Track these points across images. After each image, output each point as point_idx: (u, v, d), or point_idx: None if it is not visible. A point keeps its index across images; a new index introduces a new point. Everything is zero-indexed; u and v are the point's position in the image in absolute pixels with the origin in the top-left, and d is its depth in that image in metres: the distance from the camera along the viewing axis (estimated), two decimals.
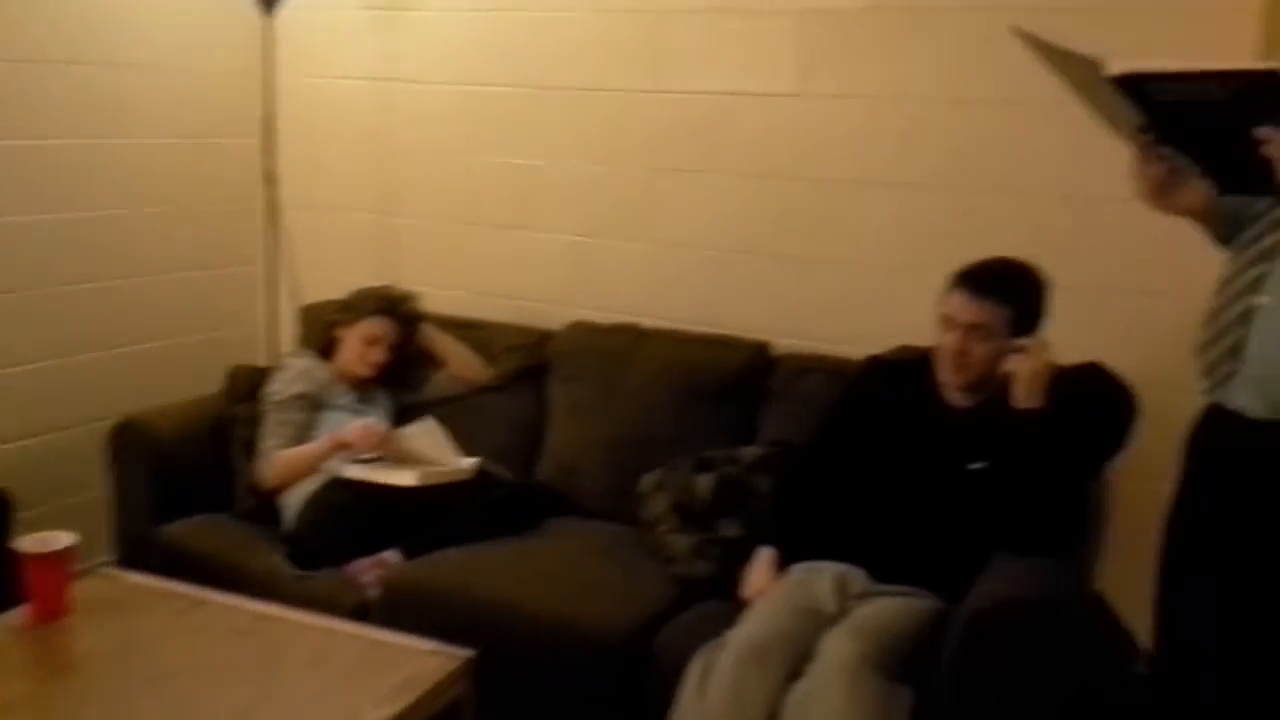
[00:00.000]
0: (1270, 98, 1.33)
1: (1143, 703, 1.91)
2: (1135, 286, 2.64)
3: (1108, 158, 2.63)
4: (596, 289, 3.28)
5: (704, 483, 2.61)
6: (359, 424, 2.84)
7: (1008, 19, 2.69)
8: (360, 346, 3.02)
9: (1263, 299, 1.49)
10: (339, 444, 2.81)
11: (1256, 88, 1.35)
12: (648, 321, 3.11)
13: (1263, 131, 1.33)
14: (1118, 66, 1.49)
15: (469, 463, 2.84)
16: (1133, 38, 2.56)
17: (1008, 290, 2.24)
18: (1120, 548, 2.42)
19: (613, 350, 3.02)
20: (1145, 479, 2.55)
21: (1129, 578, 2.46)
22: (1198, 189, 1.58)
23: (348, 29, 3.56)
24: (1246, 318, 1.51)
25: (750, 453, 2.66)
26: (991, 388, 2.25)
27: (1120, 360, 2.41)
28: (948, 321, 2.25)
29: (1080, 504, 2.23)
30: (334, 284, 3.28)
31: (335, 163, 3.66)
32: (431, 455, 2.83)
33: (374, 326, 3.02)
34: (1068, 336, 2.39)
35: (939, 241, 2.77)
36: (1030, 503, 2.14)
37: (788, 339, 2.96)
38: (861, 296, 2.94)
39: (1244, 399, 1.53)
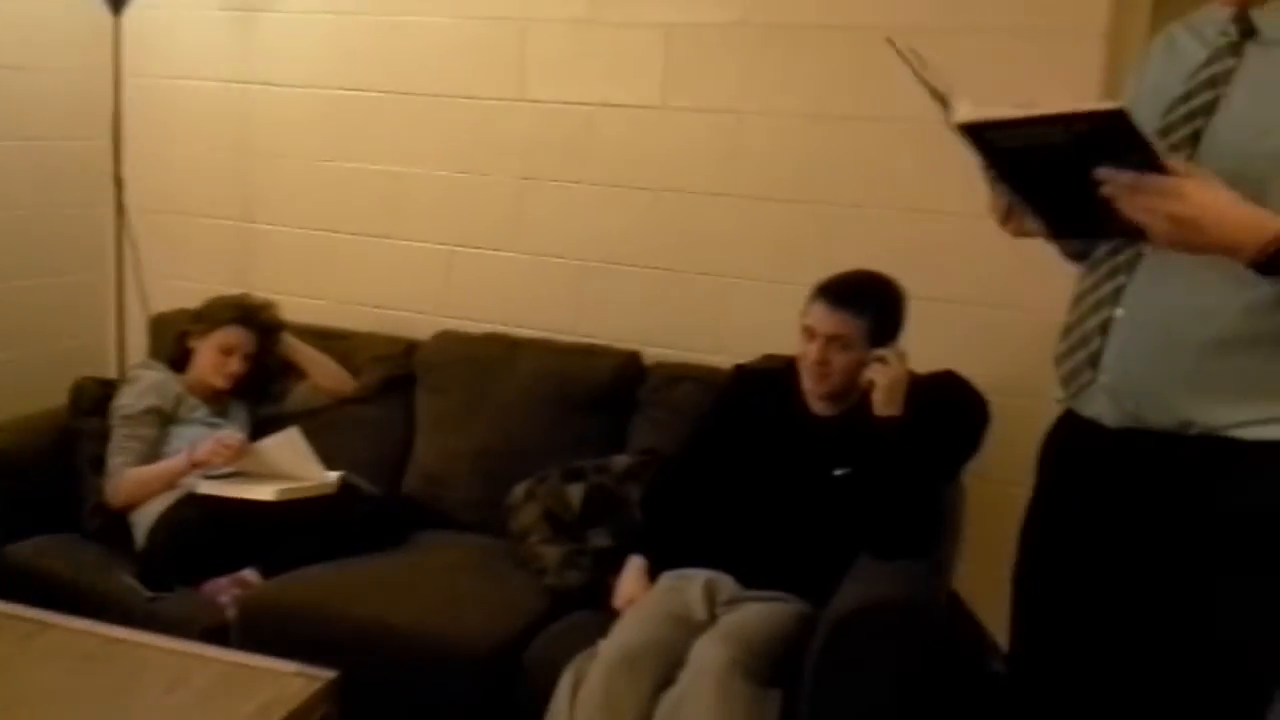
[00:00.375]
0: (1112, 138, 1.37)
1: (1000, 701, 1.98)
2: (987, 299, 2.75)
3: (962, 173, 2.72)
4: (465, 298, 3.25)
5: (574, 493, 2.61)
6: (213, 438, 2.74)
7: (866, 38, 2.79)
8: (215, 357, 2.92)
9: (1119, 311, 1.56)
10: (193, 461, 2.71)
11: (1099, 129, 1.38)
12: (517, 331, 3.10)
13: (1102, 172, 1.38)
14: (962, 112, 1.51)
15: (331, 476, 2.77)
16: (983, 58, 2.66)
17: (866, 302, 2.31)
18: (975, 549, 2.51)
19: (482, 360, 2.99)
20: (997, 482, 2.65)
21: (984, 578, 2.56)
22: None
23: (201, 29, 3.44)
24: (1105, 329, 1.57)
25: (620, 462, 2.66)
26: (853, 396, 2.31)
27: (972, 368, 2.50)
28: (809, 332, 2.31)
29: (938, 507, 2.30)
30: (188, 292, 3.17)
31: (189, 167, 3.54)
32: (292, 469, 2.75)
33: (229, 336, 2.93)
34: (923, 346, 2.47)
35: (801, 253, 2.83)
36: (891, 507, 2.20)
37: (658, 348, 2.98)
38: (728, 306, 2.98)
39: (1100, 408, 1.60)
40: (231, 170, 3.49)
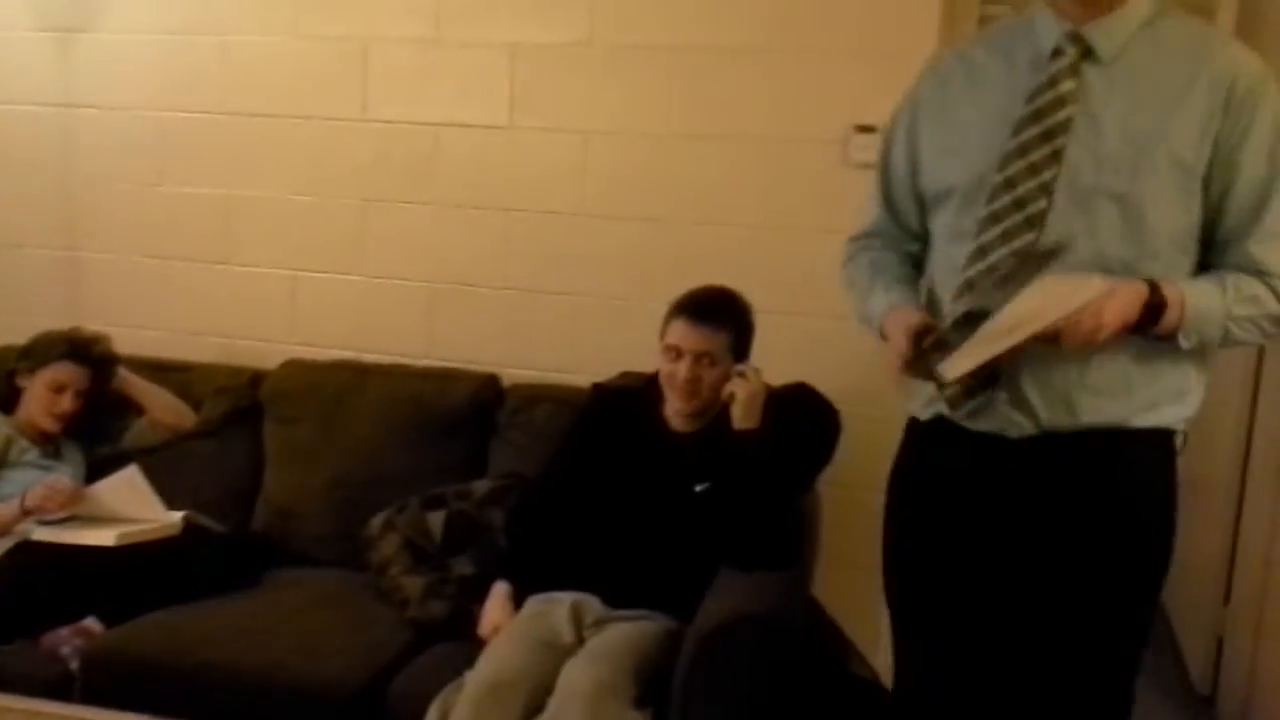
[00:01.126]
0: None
1: (864, 706, 2.04)
2: (835, 311, 2.79)
3: (808, 191, 2.83)
4: (311, 325, 3.16)
5: (435, 521, 2.56)
6: (44, 483, 2.59)
7: (710, 59, 2.86)
8: (46, 395, 2.77)
9: None
10: (25, 508, 2.55)
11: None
12: (368, 357, 3.03)
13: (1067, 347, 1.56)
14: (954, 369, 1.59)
15: (175, 516, 2.64)
16: (818, 78, 2.75)
17: (726, 316, 2.35)
18: (831, 555, 2.57)
19: (332, 388, 2.91)
20: (849, 488, 2.74)
21: (842, 583, 2.63)
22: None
23: (20, 52, 3.26)
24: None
25: (481, 487, 2.63)
26: (712, 412, 2.34)
27: (822, 380, 2.57)
28: (674, 351, 2.32)
29: (795, 517, 2.35)
30: (12, 328, 3.00)
31: (9, 195, 3.34)
32: (132, 510, 2.61)
33: (60, 373, 2.78)
34: (775, 358, 2.53)
35: (653, 271, 2.86)
36: (752, 519, 2.23)
37: (515, 370, 2.96)
38: (583, 325, 2.98)
39: (1001, 423, 1.65)
40: (55, 198, 3.31)
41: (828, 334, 2.81)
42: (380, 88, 3.06)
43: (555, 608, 2.24)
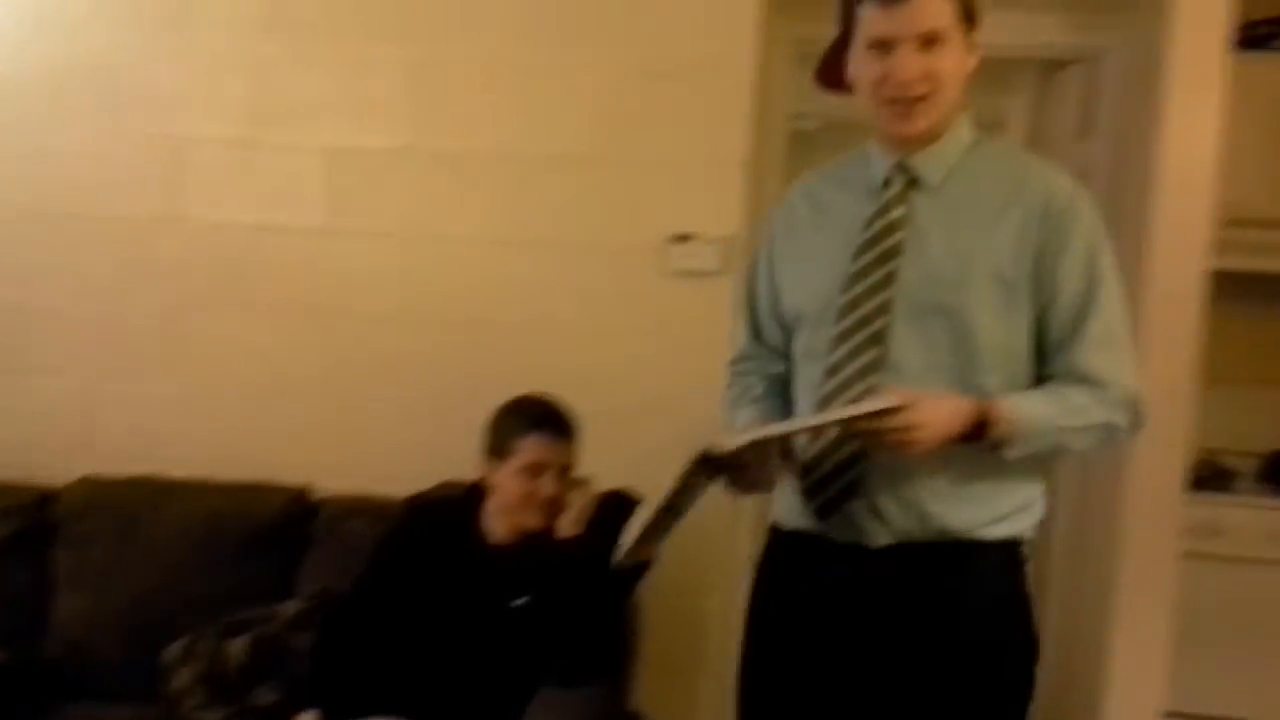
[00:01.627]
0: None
1: None
2: (655, 413, 2.84)
3: (627, 298, 2.88)
4: (108, 439, 2.97)
5: (236, 647, 2.42)
6: None
7: (532, 166, 2.89)
8: None
9: None
10: None
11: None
12: (171, 472, 2.86)
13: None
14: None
15: None
16: (635, 187, 2.81)
17: (575, 425, 2.35)
18: (654, 664, 2.56)
19: (129, 507, 2.73)
20: (671, 595, 2.74)
21: (664, 691, 2.62)
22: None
23: None
24: (854, 461, 1.69)
25: (289, 609, 2.50)
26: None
27: (639, 484, 2.57)
28: (535, 469, 2.27)
29: (617, 627, 2.33)
30: None
31: None
32: None
33: None
34: (596, 463, 2.53)
35: (476, 377, 2.82)
36: (577, 631, 2.20)
37: (330, 481, 2.85)
38: (403, 434, 2.91)
39: (857, 534, 1.71)
40: None
41: (646, 438, 2.82)
42: (191, 187, 2.97)
43: None
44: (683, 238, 2.80)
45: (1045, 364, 1.71)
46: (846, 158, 1.86)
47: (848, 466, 1.70)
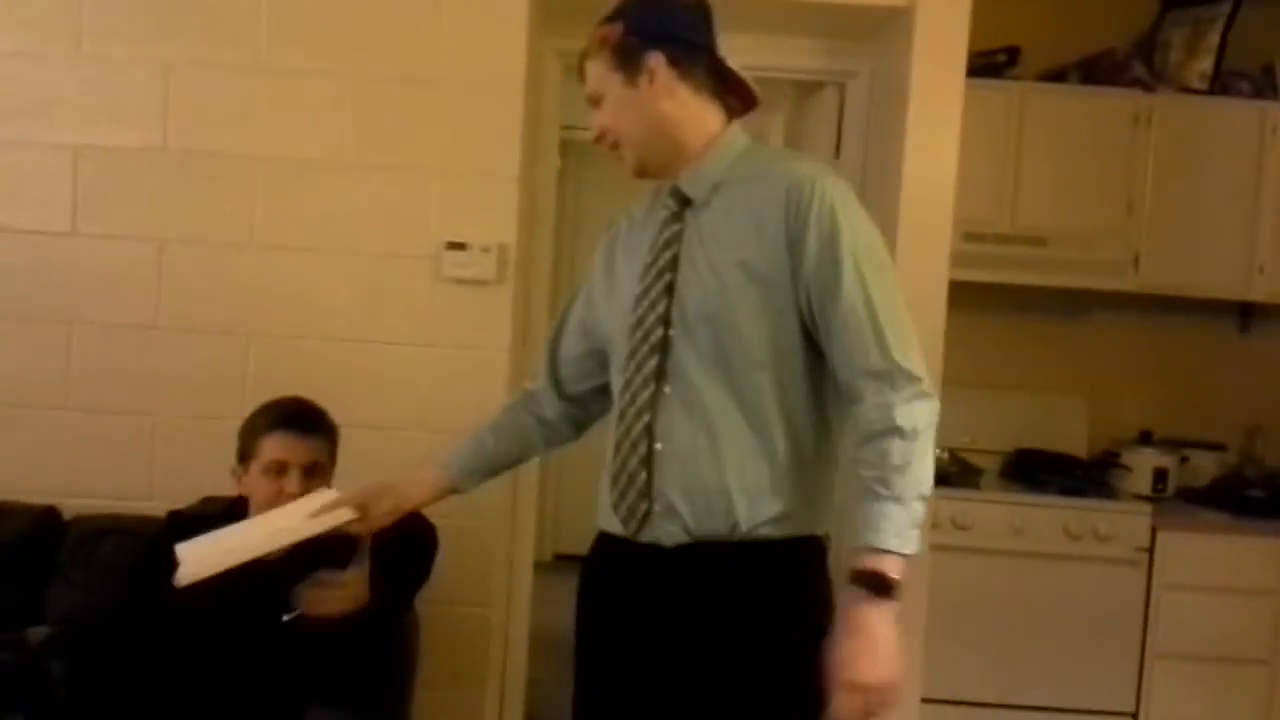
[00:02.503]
0: None
1: None
2: (427, 423, 2.81)
3: (401, 305, 2.85)
4: None
5: None
6: None
7: (294, 170, 2.82)
8: None
9: (658, 445, 1.75)
10: None
11: None
12: None
13: None
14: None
15: None
16: (406, 193, 2.79)
17: (323, 423, 2.28)
18: (436, 673, 2.54)
19: None
20: (448, 604, 2.73)
21: (441, 703, 2.61)
22: None
23: None
24: (648, 463, 1.74)
25: (37, 634, 2.35)
26: None
27: None
28: (278, 466, 2.20)
29: (393, 642, 2.29)
30: None
31: None
32: None
33: None
34: (368, 473, 2.49)
35: (236, 387, 2.73)
36: (346, 646, 2.15)
37: (79, 499, 2.69)
38: (158, 448, 2.78)
39: (658, 534, 1.76)
40: None
41: (423, 447, 2.80)
42: None
43: None
44: (457, 245, 2.79)
45: (829, 358, 1.75)
46: (664, 183, 1.89)
47: (641, 470, 1.76)
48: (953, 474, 3.50)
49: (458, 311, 2.81)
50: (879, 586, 1.61)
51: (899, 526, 1.63)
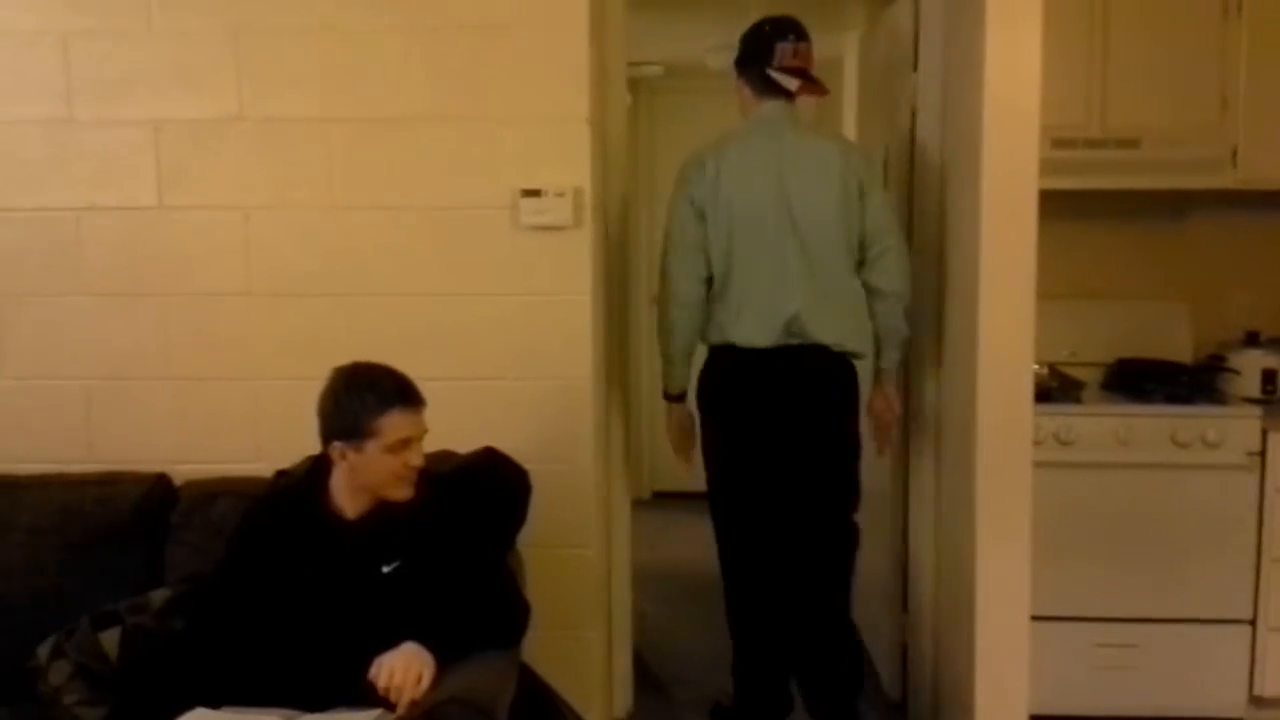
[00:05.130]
0: None
1: None
2: (516, 372, 2.84)
3: (479, 256, 2.86)
4: None
5: (108, 640, 2.35)
6: None
7: (369, 130, 2.84)
8: None
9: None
10: None
11: None
12: (20, 469, 2.74)
13: None
14: None
15: None
16: (471, 143, 2.79)
17: (419, 391, 2.27)
18: (537, 615, 2.57)
19: None
20: (550, 547, 2.77)
21: (553, 642, 2.65)
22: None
23: None
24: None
25: (159, 597, 2.43)
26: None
27: (509, 441, 2.59)
28: (403, 443, 2.22)
29: (500, 585, 2.33)
30: None
31: None
32: None
33: None
34: (461, 425, 2.54)
35: (330, 347, 2.75)
36: (451, 592, 2.19)
37: (189, 465, 2.77)
38: (260, 410, 2.85)
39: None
40: None
41: (511, 395, 2.84)
42: (7, 174, 2.82)
43: None
44: (532, 192, 2.79)
45: None
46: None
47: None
48: (1053, 389, 3.41)
49: (537, 258, 2.81)
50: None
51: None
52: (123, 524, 2.61)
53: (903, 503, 3.45)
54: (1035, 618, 2.86)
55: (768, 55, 3.03)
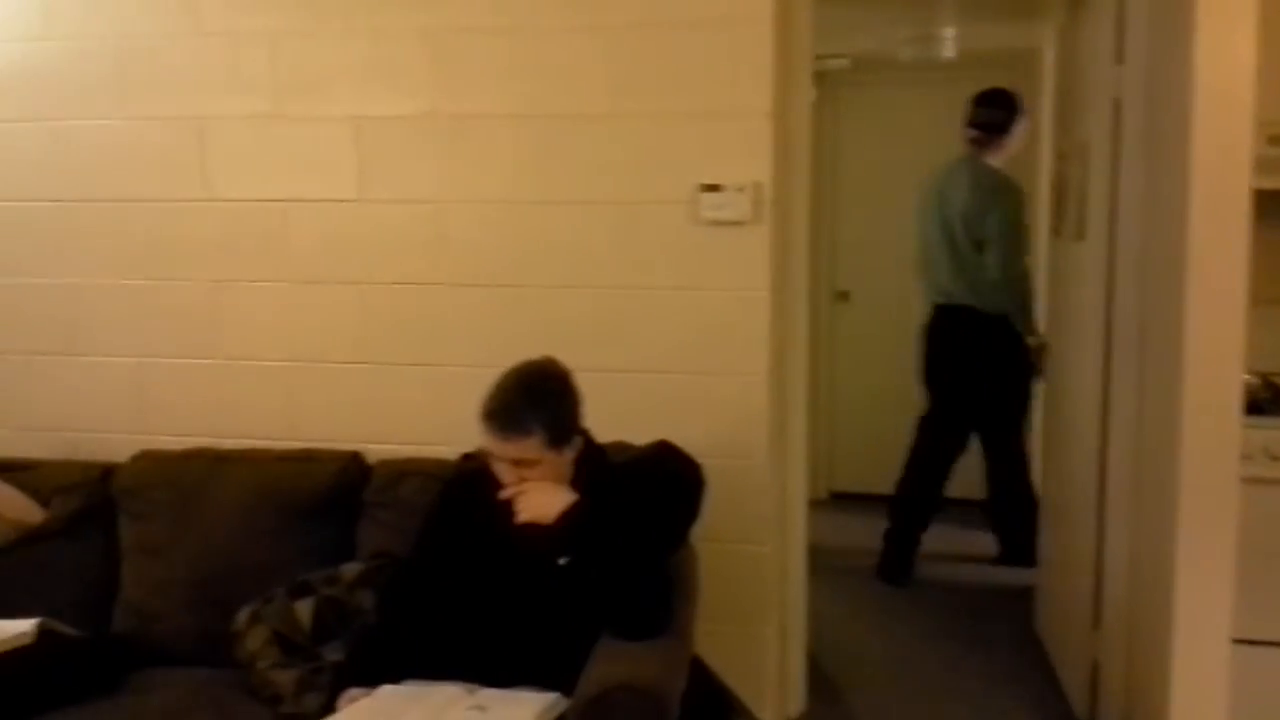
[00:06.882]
0: None
1: None
2: (691, 366, 2.85)
3: (660, 250, 2.88)
4: (163, 414, 3.05)
5: (303, 609, 2.49)
6: None
7: (555, 126, 2.89)
8: None
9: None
10: None
11: None
12: (225, 443, 2.94)
13: None
14: None
15: (26, 625, 2.51)
16: (661, 130, 2.81)
17: (529, 418, 2.23)
18: (714, 610, 2.58)
19: (187, 479, 2.80)
20: (725, 542, 2.77)
21: (726, 638, 2.65)
22: None
23: None
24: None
25: (350, 570, 2.57)
26: None
27: (683, 434, 2.59)
28: (492, 457, 2.27)
29: (670, 576, 2.34)
30: None
31: None
32: None
33: None
34: (635, 417, 2.57)
35: (512, 336, 2.84)
36: (621, 586, 2.21)
37: (380, 445, 2.90)
38: (447, 395, 2.95)
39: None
40: None
41: (687, 389, 2.85)
42: (221, 165, 3.00)
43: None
44: (712, 187, 2.79)
45: None
46: None
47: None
48: (1264, 401, 3.19)
49: (716, 254, 2.81)
50: None
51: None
52: (319, 500, 2.75)
53: (1098, 515, 3.29)
54: (1238, 641, 2.69)
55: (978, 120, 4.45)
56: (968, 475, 5.21)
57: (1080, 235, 3.43)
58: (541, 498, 2.23)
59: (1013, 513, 4.59)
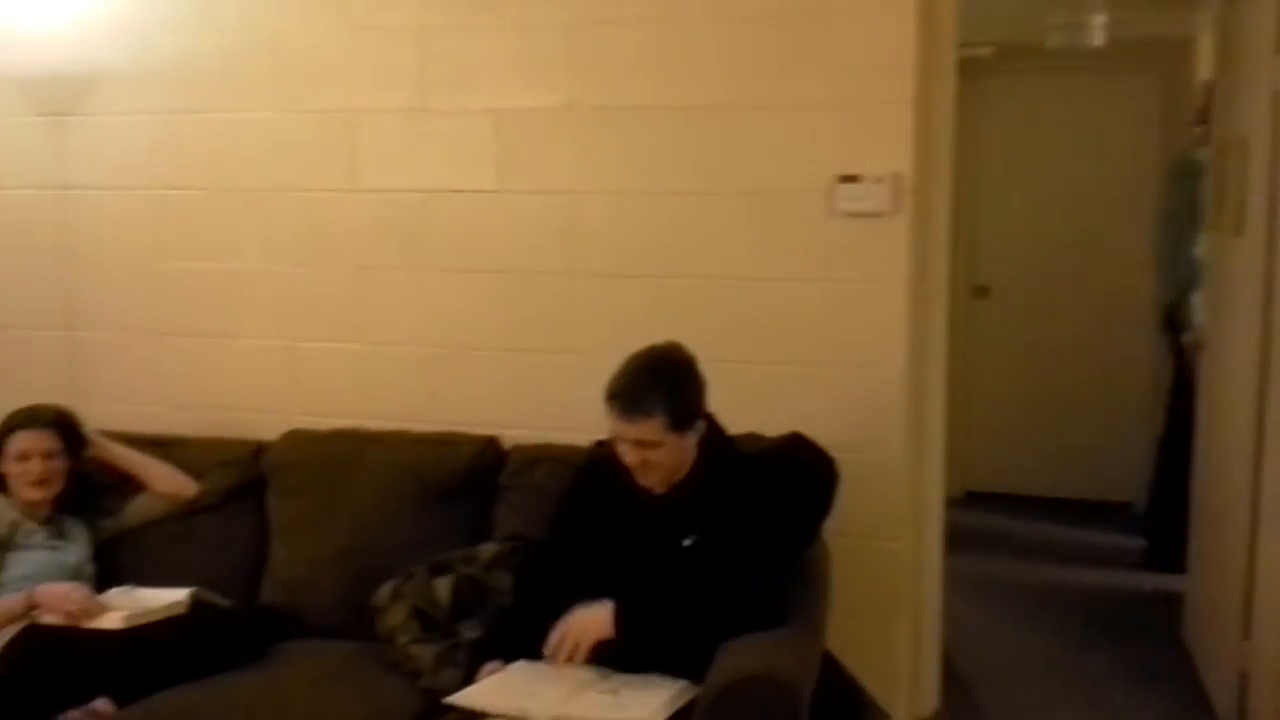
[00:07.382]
0: None
1: None
2: (828, 359, 2.82)
3: (795, 241, 2.85)
4: (311, 395, 3.17)
5: (442, 586, 2.56)
6: (53, 589, 2.60)
7: (693, 117, 2.89)
8: (16, 468, 2.79)
9: None
10: (32, 603, 2.57)
11: None
12: (369, 424, 3.03)
13: None
14: None
15: (181, 594, 2.65)
16: (796, 130, 2.79)
17: (654, 399, 2.26)
18: (846, 606, 2.55)
19: (333, 458, 2.91)
20: (858, 537, 2.74)
21: (857, 633, 2.62)
22: None
23: (15, 138, 3.33)
24: None
25: (487, 550, 2.63)
26: (679, 474, 2.33)
27: (819, 428, 2.57)
28: (616, 438, 2.31)
29: (799, 569, 2.33)
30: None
31: (7, 278, 3.38)
32: (138, 600, 2.64)
33: (20, 441, 2.79)
34: (770, 409, 2.56)
35: (647, 326, 2.81)
36: (737, 573, 2.21)
37: (515, 431, 2.95)
38: (580, 383, 2.95)
39: None
40: (53, 279, 3.36)
41: (821, 382, 2.82)
42: (369, 158, 3.10)
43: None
44: (849, 178, 2.75)
45: None
46: None
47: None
48: None
49: (853, 245, 2.78)
50: None
51: None
52: (458, 481, 2.83)
53: (1251, 521, 3.14)
54: None
55: None
56: (1108, 476, 5.04)
57: (1238, 231, 3.27)
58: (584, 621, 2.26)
59: (1171, 516, 4.36)
